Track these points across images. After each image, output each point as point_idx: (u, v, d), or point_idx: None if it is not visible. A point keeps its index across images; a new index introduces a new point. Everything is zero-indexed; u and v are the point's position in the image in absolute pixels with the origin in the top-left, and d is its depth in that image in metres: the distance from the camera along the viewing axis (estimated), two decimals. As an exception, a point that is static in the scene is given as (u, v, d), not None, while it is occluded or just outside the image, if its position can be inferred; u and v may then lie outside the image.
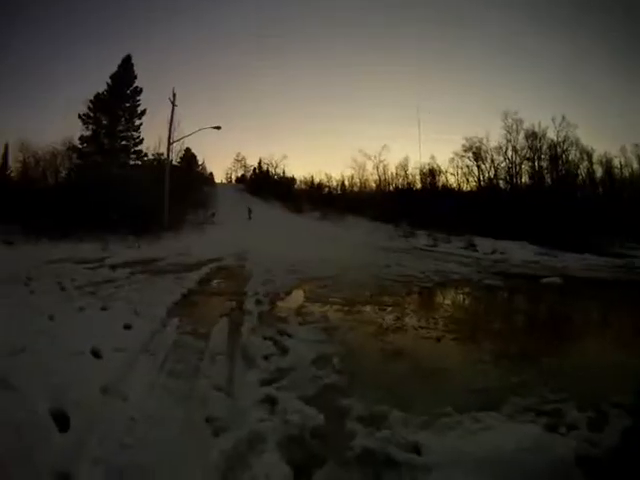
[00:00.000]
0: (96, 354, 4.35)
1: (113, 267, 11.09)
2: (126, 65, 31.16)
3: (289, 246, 19.70)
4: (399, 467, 2.83)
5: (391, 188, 44.86)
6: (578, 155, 39.21)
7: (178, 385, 4.02)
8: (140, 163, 31.69)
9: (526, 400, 4.22)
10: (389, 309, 8.25)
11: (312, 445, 3.12)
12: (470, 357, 5.76)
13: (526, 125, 38.64)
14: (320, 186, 51.15)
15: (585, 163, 40.21)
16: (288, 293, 9.43)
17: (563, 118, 37.94)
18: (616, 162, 39.72)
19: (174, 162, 34.87)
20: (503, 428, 3.35)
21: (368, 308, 8.30)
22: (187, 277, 10.26)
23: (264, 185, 53.18)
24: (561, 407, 4.12)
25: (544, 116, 41.61)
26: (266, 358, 4.93)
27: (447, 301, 10.56)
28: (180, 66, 77.20)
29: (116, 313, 6.30)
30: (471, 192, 40.09)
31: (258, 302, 8.04)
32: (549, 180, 38.54)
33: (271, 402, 3.73)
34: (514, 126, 38.80)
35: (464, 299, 10.97)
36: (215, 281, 10.75)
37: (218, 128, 28.25)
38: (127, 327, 5.58)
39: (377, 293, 9.94)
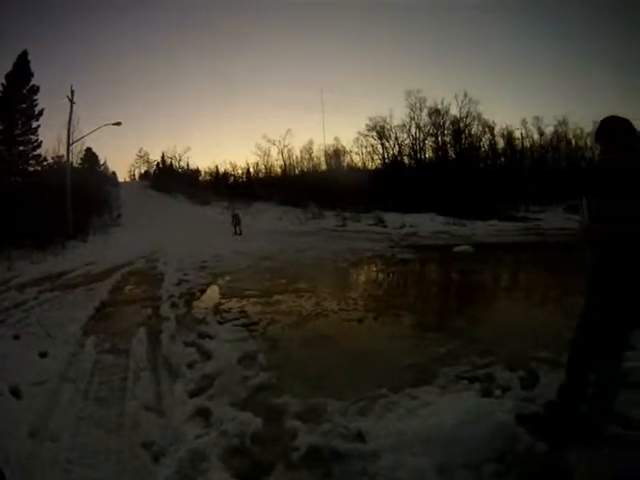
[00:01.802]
0: (16, 393, 4.04)
1: (21, 288, 10.15)
2: (22, 62, 28.59)
3: (199, 241, 19.45)
4: (347, 459, 2.86)
5: (297, 172, 45.27)
6: (480, 129, 41.74)
7: (107, 413, 3.79)
8: (40, 168, 29.56)
9: (456, 369, 4.40)
10: (307, 295, 8.35)
11: (256, 453, 3.06)
12: (395, 333, 5.93)
13: (429, 103, 40.33)
14: (226, 175, 50.47)
15: (487, 136, 43.00)
16: (203, 291, 9.27)
17: (465, 95, 40.00)
18: (517, 134, 42.81)
19: (75, 164, 32.97)
20: (440, 402, 3.44)
21: (286, 297, 8.29)
22: (98, 288, 9.75)
23: (168, 179, 51.60)
24: (491, 371, 4.34)
25: (447, 94, 43.75)
26: (190, 366, 4.79)
27: (364, 279, 10.92)
28: (77, 61, 73.19)
29: (29, 340, 5.87)
30: (376, 170, 41.20)
31: (174, 305, 7.85)
32: (453, 154, 40.52)
33: (204, 414, 3.63)
34: (417, 104, 40.44)
35: (380, 275, 11.36)
36: (128, 288, 10.25)
37: (118, 124, 27.05)
38: (43, 355, 5.23)
39: (293, 280, 10.00)
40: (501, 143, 44.62)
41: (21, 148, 28.47)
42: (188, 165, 55.82)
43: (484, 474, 2.64)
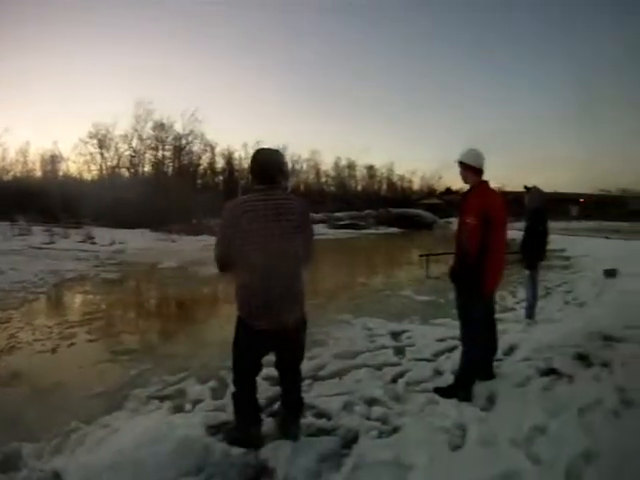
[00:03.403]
0: None
1: None
2: None
3: None
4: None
5: (10, 177, 40.13)
6: (202, 147, 43.11)
7: None
8: None
9: (148, 389, 4.53)
10: (-2, 326, 7.51)
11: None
12: (88, 360, 5.77)
13: (156, 116, 40.47)
14: None
15: (208, 154, 44.60)
16: None
17: (192, 114, 41.19)
18: (236, 155, 45.70)
19: None
20: (128, 426, 3.46)
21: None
22: None
23: None
24: (183, 386, 4.58)
25: (174, 109, 44.65)
26: None
27: (60, 304, 10.43)
28: None
29: None
30: (93, 181, 39.74)
31: None
32: (171, 169, 41.02)
33: None
34: (144, 116, 40.13)
35: (76, 299, 10.85)
36: None
37: None
38: None
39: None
40: (221, 162, 47.28)
41: None
42: None
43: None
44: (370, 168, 64.73)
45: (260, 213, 2.87)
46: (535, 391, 4.02)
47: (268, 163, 3.04)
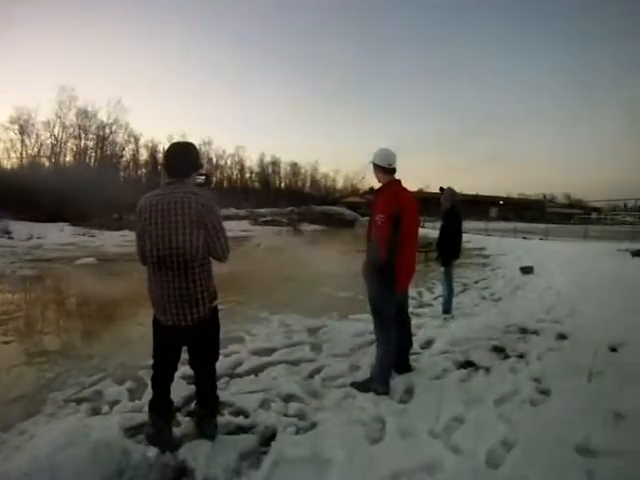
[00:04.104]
0: None
1: None
2: None
3: None
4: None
5: None
6: (126, 138, 41.83)
7: None
8: None
9: (65, 393, 4.36)
10: None
11: None
12: (3, 363, 5.42)
13: (80, 103, 38.91)
14: None
15: (132, 146, 43.34)
16: None
17: (119, 101, 39.84)
18: (161, 148, 44.98)
19: None
20: (44, 431, 3.32)
21: None
22: None
23: None
24: (100, 388, 4.43)
25: (99, 98, 43.06)
26: None
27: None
28: None
29: None
30: (12, 170, 37.33)
31: None
32: (94, 160, 39.55)
33: None
34: (67, 102, 38.48)
35: None
36: None
37: None
38: None
39: None
40: (145, 155, 46.12)
41: None
42: None
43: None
44: (294, 165, 65.38)
45: (159, 207, 2.86)
46: (452, 383, 4.23)
47: (177, 157, 3.02)
